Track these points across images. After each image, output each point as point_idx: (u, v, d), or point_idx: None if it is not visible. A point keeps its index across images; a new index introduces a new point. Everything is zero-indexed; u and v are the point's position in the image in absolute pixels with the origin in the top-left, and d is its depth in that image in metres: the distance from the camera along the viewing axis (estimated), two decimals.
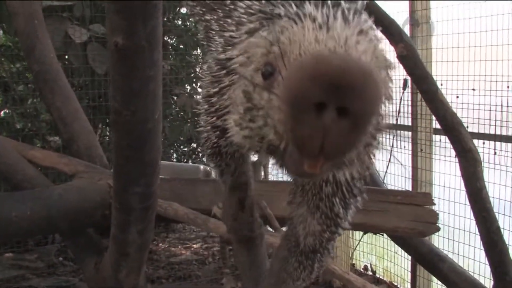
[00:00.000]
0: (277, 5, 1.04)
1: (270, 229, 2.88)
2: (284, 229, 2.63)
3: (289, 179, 1.52)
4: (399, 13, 4.30)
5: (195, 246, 5.98)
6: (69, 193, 3.05)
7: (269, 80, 0.93)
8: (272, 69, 0.93)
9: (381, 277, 5.24)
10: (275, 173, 5.21)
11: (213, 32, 1.32)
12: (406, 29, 4.18)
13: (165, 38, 5.74)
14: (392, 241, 4.09)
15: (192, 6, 1.52)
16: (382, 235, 4.37)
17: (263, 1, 1.11)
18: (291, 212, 1.53)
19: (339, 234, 1.49)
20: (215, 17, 1.33)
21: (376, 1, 3.04)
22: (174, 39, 6.26)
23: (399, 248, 4.17)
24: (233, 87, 1.08)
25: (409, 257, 4.50)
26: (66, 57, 5.19)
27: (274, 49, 0.93)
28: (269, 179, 5.64)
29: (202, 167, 5.54)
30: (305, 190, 1.42)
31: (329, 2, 0.96)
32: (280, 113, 0.85)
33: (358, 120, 0.80)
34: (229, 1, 1.27)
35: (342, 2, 0.97)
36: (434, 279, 4.18)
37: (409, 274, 4.70)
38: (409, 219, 2.96)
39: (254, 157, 1.57)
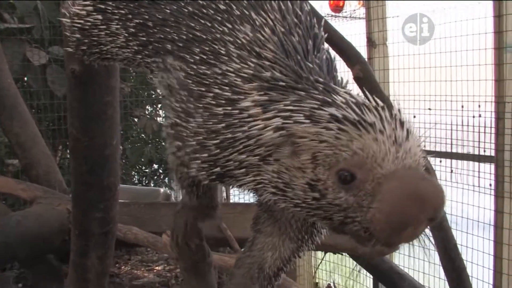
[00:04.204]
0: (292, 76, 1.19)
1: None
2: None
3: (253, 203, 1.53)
4: (356, 35, 4.37)
5: (158, 268, 5.92)
6: (28, 219, 3.01)
7: (350, 185, 1.06)
8: (351, 175, 1.06)
9: None
10: (237, 193, 5.21)
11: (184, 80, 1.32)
12: (363, 51, 4.26)
13: None
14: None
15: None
16: (342, 254, 4.40)
17: (251, 64, 1.21)
18: (255, 238, 1.52)
19: None
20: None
21: (332, 24, 3.09)
22: None
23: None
24: (267, 165, 1.16)
25: (371, 276, 4.54)
26: (25, 79, 5.12)
27: (345, 155, 1.05)
28: (230, 201, 5.63)
29: (162, 190, 5.48)
30: (280, 220, 1.45)
31: (384, 111, 1.11)
32: (377, 223, 1.03)
33: (435, 221, 1.05)
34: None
35: (396, 108, 1.14)
36: None
37: None
38: None
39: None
